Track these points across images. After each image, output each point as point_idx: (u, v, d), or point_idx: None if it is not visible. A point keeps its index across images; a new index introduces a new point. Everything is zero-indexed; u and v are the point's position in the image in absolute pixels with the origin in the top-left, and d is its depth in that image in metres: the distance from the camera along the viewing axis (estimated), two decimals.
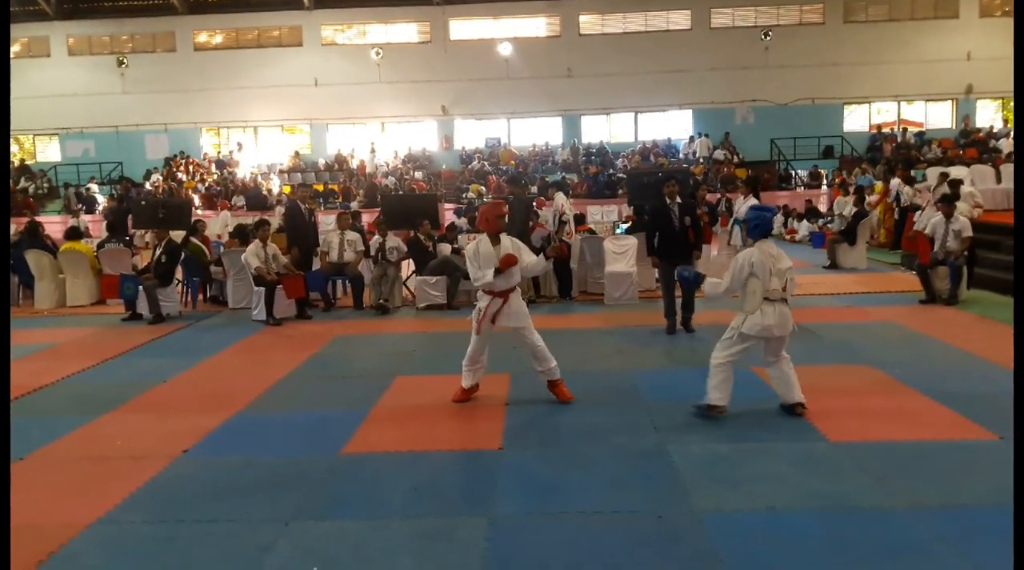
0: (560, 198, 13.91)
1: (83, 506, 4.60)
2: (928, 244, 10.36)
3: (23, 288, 12.62)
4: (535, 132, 29.20)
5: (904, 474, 4.73)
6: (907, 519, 4.15)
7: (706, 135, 27.74)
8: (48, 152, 30.18)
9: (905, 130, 28.01)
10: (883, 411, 5.95)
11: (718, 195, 16.93)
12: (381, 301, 10.86)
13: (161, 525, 4.36)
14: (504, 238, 6.36)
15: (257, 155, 29.24)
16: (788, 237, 19.03)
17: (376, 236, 11.46)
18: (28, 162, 29.53)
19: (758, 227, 5.81)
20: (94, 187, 26.51)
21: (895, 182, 15.67)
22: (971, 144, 25.59)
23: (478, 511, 4.42)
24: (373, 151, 28.10)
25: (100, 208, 24.53)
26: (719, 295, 5.88)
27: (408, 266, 11.96)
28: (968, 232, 10.14)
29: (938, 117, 28.74)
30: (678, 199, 8.89)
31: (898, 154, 24.68)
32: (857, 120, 28.93)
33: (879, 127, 28.72)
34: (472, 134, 29.41)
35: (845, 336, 8.53)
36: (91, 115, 28.74)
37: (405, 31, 29.12)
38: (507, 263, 6.17)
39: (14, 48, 29.44)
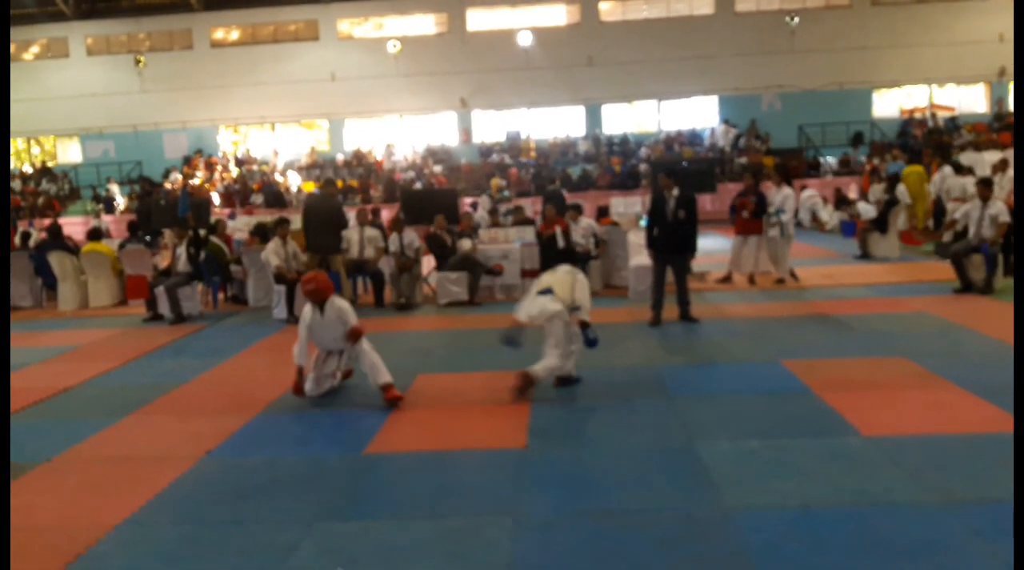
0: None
1: (109, 507, 4.61)
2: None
3: (46, 290, 12.73)
4: (556, 123, 29.03)
5: (939, 468, 4.62)
6: (942, 515, 4.05)
7: (727, 122, 27.41)
8: (69, 153, 30.50)
9: (934, 114, 27.47)
10: (917, 404, 5.82)
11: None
12: (401, 301, 10.83)
13: (186, 526, 4.37)
14: (332, 303, 6.49)
15: (268, 150, 29.30)
16: (819, 227, 18.75)
17: (394, 233, 11.41)
18: (49, 164, 29.84)
19: None
20: (113, 187, 26.72)
21: (938, 176, 15.24)
22: (1005, 128, 25.04)
23: (503, 510, 4.37)
24: (390, 150, 28.02)
25: (120, 208, 24.76)
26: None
27: (429, 262, 11.92)
28: (1005, 217, 9.86)
29: (970, 101, 28.17)
30: (675, 192, 8.92)
31: (929, 139, 24.23)
32: (887, 105, 28.45)
33: (910, 112, 28.20)
34: (491, 126, 29.29)
35: (878, 327, 8.37)
36: (110, 115, 28.99)
37: (422, 23, 29.05)
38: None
39: (33, 50, 29.79)
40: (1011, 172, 13.29)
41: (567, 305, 6.55)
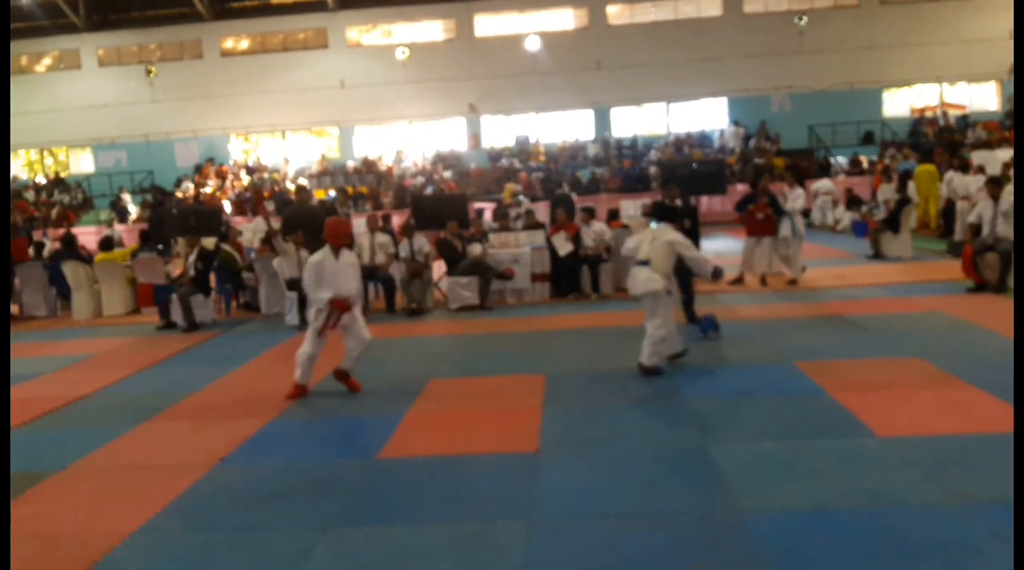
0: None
1: (124, 515, 4.63)
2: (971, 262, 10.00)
3: (61, 299, 12.83)
4: (565, 127, 29.04)
5: (955, 468, 4.59)
6: (959, 515, 4.02)
7: (736, 123, 27.36)
8: (81, 164, 30.72)
9: (945, 113, 27.32)
10: (932, 404, 5.78)
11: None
12: (412, 306, 10.85)
13: (200, 533, 4.38)
14: (344, 252, 6.96)
15: (279, 158, 29.43)
16: (831, 227, 18.67)
17: (404, 239, 11.44)
18: (62, 175, 30.06)
19: None
20: (126, 197, 26.90)
21: (948, 176, 15.17)
22: None
23: (516, 515, 4.36)
24: (399, 157, 28.11)
25: (132, 217, 24.92)
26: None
27: (439, 267, 11.95)
28: None
29: (981, 99, 28.01)
30: (678, 202, 8.93)
31: (940, 138, 24.08)
32: (897, 104, 28.32)
33: (921, 111, 28.05)
34: (500, 131, 29.34)
35: (891, 327, 8.32)
36: (122, 125, 29.23)
37: (430, 29, 29.14)
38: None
39: (45, 62, 30.05)
40: None
41: (668, 274, 6.83)
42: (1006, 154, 15.16)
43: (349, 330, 6.89)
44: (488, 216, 17.04)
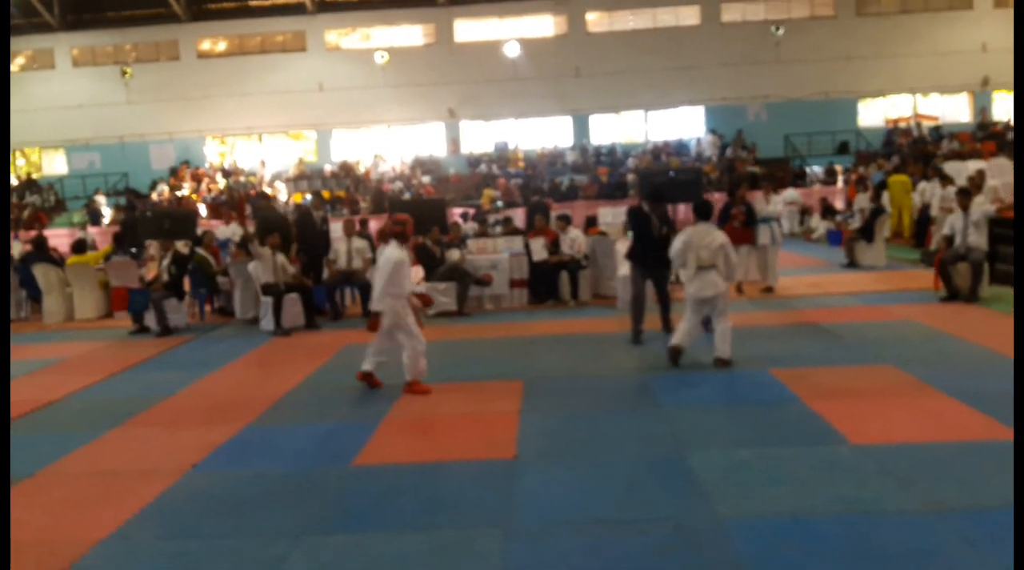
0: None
1: (93, 522, 4.57)
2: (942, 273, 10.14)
3: (31, 302, 12.64)
4: (544, 133, 29.11)
5: (928, 476, 4.63)
6: (932, 523, 4.06)
7: (713, 132, 27.58)
8: (54, 165, 30.32)
9: (919, 124, 27.72)
10: (905, 412, 5.83)
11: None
12: None
13: (172, 540, 4.32)
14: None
15: (256, 161, 29.21)
16: (805, 236, 18.82)
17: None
18: (35, 176, 29.63)
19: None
20: (100, 199, 26.55)
21: (923, 186, 15.38)
22: (989, 137, 25.27)
23: (494, 522, 4.34)
24: (377, 161, 28.00)
25: (106, 220, 24.59)
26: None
27: (417, 273, 11.89)
28: (991, 211, 9.96)
29: (954, 110, 28.47)
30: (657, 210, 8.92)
31: (914, 149, 24.41)
32: (872, 114, 28.70)
33: (895, 122, 28.45)
34: (479, 137, 29.35)
35: (865, 336, 8.39)
36: (96, 126, 28.88)
37: (410, 34, 29.12)
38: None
39: (19, 61, 29.65)
40: (991, 182, 13.42)
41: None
42: (978, 165, 15.37)
43: (392, 333, 6.95)
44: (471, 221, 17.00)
